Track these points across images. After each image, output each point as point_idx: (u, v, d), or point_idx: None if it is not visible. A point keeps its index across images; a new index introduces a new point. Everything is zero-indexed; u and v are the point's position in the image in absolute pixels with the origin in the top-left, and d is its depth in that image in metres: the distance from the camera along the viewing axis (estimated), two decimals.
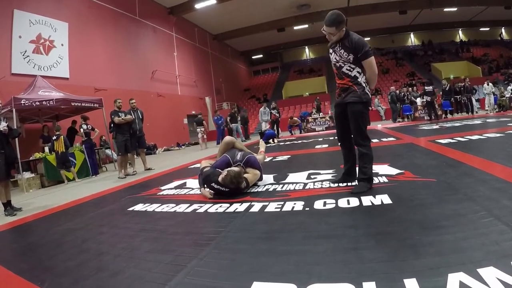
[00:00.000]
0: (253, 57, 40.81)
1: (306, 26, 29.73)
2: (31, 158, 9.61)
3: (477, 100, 17.19)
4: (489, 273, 1.63)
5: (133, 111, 9.19)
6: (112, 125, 8.88)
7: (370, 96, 3.68)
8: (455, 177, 3.66)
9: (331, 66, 3.93)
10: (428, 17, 31.25)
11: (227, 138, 5.17)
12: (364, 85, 3.60)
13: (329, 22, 3.47)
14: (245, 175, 4.28)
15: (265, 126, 16.03)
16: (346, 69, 3.60)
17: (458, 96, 16.42)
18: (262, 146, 6.10)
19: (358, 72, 3.58)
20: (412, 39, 39.58)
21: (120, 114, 8.67)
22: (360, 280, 1.74)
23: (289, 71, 39.28)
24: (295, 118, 18.12)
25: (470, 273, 1.64)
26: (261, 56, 40.09)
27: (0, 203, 5.51)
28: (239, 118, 17.85)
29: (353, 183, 3.89)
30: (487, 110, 16.18)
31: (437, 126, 10.86)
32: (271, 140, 12.84)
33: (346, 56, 3.56)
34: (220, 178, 4.06)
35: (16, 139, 7.15)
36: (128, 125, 8.83)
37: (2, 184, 5.49)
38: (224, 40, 31.64)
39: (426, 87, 15.14)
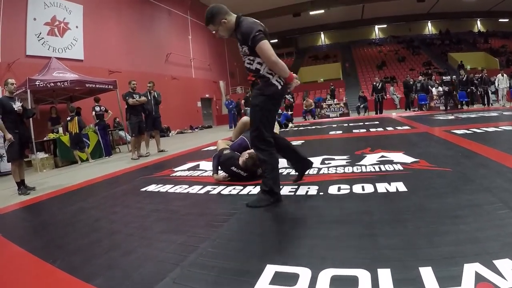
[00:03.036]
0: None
1: (322, 11, 29.26)
2: (45, 139, 9.70)
3: (493, 92, 16.78)
4: (505, 265, 1.59)
5: (149, 93, 9.23)
6: (127, 106, 8.93)
7: (279, 87, 3.01)
8: (470, 168, 3.61)
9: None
10: (446, 5, 30.61)
11: (245, 118, 5.01)
12: (269, 76, 2.98)
13: (205, 22, 3.08)
14: None
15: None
16: (247, 63, 3.04)
17: (473, 88, 16.13)
18: (276, 128, 6.05)
19: (258, 63, 2.97)
20: (429, 28, 38.76)
21: (134, 95, 8.68)
22: (374, 266, 1.72)
23: (304, 56, 38.75)
24: (310, 101, 17.90)
25: (486, 264, 1.61)
26: (276, 40, 39.50)
27: (14, 182, 5.60)
28: None
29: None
30: (501, 102, 15.77)
31: (452, 117, 10.69)
32: (290, 124, 12.78)
33: (241, 49, 3.03)
34: (240, 161, 4.01)
35: (31, 119, 7.22)
36: (141, 106, 8.86)
37: (16, 164, 5.58)
38: None
39: (444, 77, 14.90)
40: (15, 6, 11.49)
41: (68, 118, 9.11)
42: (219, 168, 4.27)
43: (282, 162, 4.91)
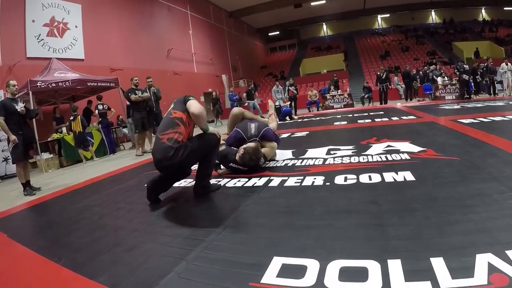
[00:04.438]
0: (269, 34, 40.15)
1: (324, 1, 29.15)
2: (49, 139, 9.72)
3: (498, 82, 16.57)
4: None
5: (149, 89, 9.15)
6: (128, 102, 8.89)
7: None
8: (479, 157, 3.55)
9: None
10: None
11: (235, 109, 4.91)
12: None
13: None
14: (262, 150, 4.19)
15: (278, 104, 15.71)
16: None
17: (477, 77, 15.96)
18: (272, 108, 5.98)
19: None
20: (433, 17, 38.32)
21: (136, 92, 8.65)
22: (384, 257, 1.69)
23: (307, 48, 38.51)
24: (315, 91, 17.74)
25: (499, 255, 1.58)
26: (277, 33, 39.49)
27: (20, 184, 5.60)
28: (257, 95, 17.49)
29: None
30: (506, 92, 15.51)
31: (458, 106, 10.58)
32: (287, 117, 12.67)
33: None
34: (237, 157, 3.94)
35: (34, 120, 7.21)
36: (144, 102, 8.82)
37: (20, 165, 5.58)
38: (240, 17, 31.20)
39: (465, 65, 14.93)
40: (13, 9, 11.45)
41: (71, 118, 9.12)
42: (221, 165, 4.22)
43: (287, 153, 4.92)
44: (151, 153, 3.36)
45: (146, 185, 3.44)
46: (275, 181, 3.51)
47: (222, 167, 4.20)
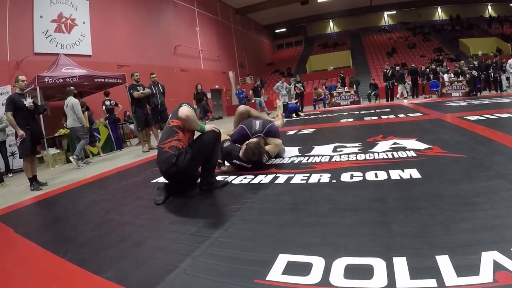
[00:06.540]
0: (276, 31, 40.21)
1: None
2: (56, 135, 9.77)
3: (507, 79, 16.41)
4: None
5: (153, 85, 9.02)
6: (132, 99, 8.88)
7: None
8: (485, 154, 3.53)
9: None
10: None
11: (241, 107, 4.93)
12: None
13: None
14: (266, 147, 4.19)
15: (283, 100, 15.58)
16: None
17: (485, 73, 15.84)
18: (280, 108, 5.98)
19: None
20: (440, 14, 38.10)
21: (138, 88, 8.60)
22: (389, 254, 1.68)
23: (313, 45, 38.48)
24: (320, 90, 17.69)
25: (504, 252, 1.57)
26: (284, 29, 39.51)
27: (26, 179, 5.64)
28: (263, 92, 17.35)
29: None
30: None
31: (465, 103, 10.52)
32: (294, 115, 12.65)
33: None
34: (241, 154, 3.94)
35: (42, 116, 7.25)
36: (146, 99, 8.77)
37: (27, 160, 5.62)
38: (246, 13, 31.18)
39: (475, 62, 15.10)
40: (21, 5, 11.50)
41: None
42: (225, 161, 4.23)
43: (293, 151, 4.92)
44: (156, 164, 3.46)
45: (157, 188, 3.48)
46: (281, 178, 3.51)
47: (226, 164, 4.21)
